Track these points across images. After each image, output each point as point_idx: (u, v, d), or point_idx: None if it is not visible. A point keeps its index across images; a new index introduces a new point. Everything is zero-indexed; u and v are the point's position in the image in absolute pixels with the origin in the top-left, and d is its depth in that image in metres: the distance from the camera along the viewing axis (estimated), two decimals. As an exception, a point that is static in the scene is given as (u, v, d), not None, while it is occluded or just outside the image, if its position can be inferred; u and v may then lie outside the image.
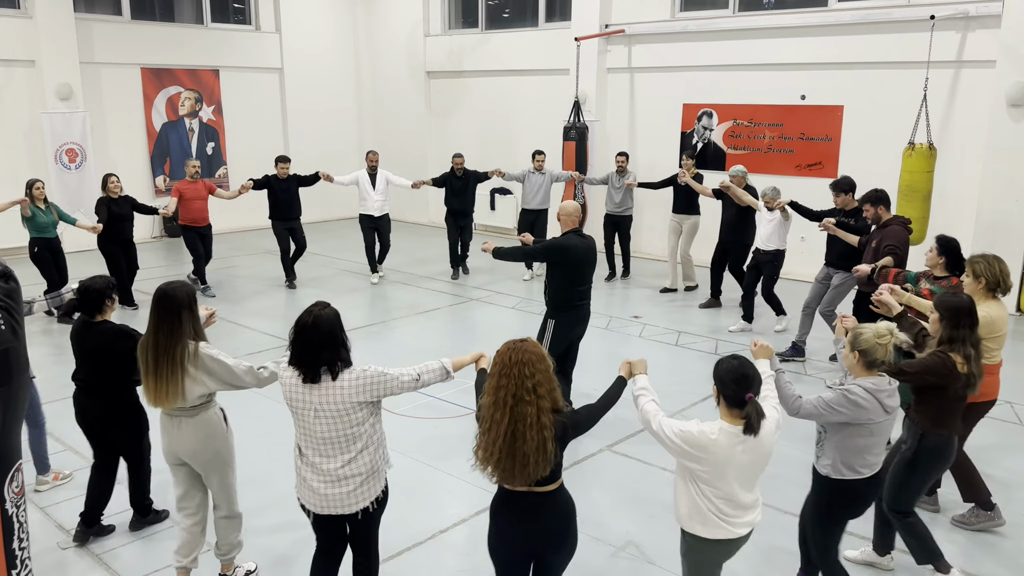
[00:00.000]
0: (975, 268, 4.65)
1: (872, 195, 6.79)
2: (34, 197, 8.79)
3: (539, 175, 10.89)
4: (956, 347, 3.96)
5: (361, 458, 3.39)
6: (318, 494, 3.41)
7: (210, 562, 4.35)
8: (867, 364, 3.57)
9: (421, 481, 5.39)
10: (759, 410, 3.13)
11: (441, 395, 6.85)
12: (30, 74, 12.23)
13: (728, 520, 3.21)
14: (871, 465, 3.66)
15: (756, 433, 3.11)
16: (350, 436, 3.35)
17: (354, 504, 3.43)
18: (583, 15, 12.46)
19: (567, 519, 3.24)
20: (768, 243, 8.41)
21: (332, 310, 3.42)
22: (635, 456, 5.75)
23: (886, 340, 3.53)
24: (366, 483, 3.43)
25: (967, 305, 4.03)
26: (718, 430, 3.13)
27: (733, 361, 3.18)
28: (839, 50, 10.45)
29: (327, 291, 10.41)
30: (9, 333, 2.64)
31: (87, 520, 4.63)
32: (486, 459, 3.08)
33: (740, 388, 3.11)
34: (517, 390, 3.01)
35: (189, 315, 3.80)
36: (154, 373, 3.73)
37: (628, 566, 4.40)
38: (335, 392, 3.30)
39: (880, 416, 3.55)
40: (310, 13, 15.45)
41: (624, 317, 9.25)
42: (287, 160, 10.58)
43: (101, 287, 4.40)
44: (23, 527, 2.87)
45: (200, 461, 3.95)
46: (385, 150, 14.65)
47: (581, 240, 5.87)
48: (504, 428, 3.01)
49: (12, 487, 2.77)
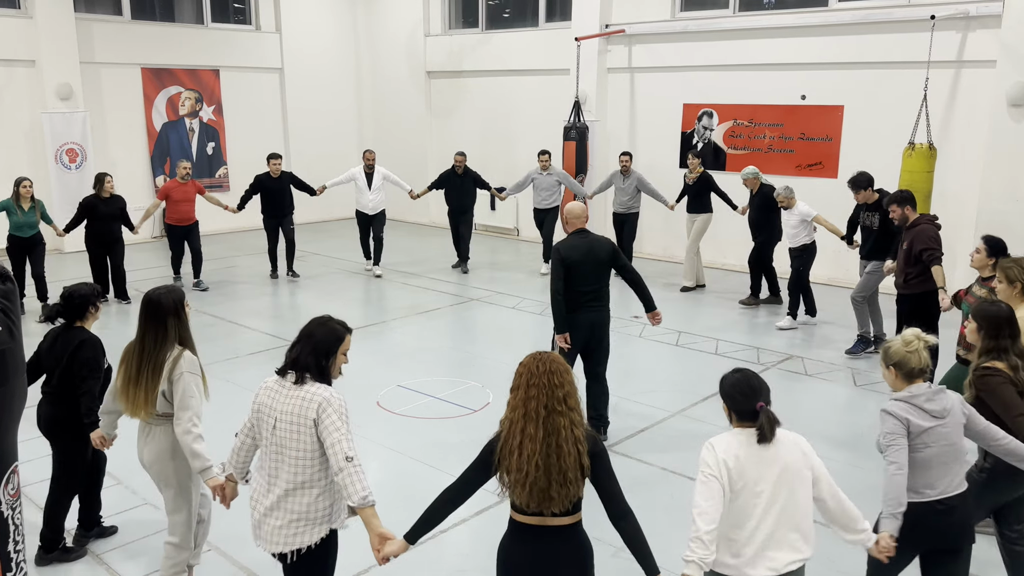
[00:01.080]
0: (1008, 273, 4.52)
1: (898, 196, 6.78)
2: (20, 195, 8.79)
3: (546, 175, 10.92)
4: (1000, 356, 3.77)
5: (299, 495, 3.17)
6: (255, 521, 3.27)
7: (211, 560, 4.35)
8: (906, 376, 3.37)
9: (421, 481, 5.39)
10: (772, 417, 2.94)
11: (441, 395, 6.85)
12: (30, 74, 12.23)
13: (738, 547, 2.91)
14: (936, 485, 3.28)
15: (769, 440, 2.91)
16: (297, 460, 3.15)
17: (277, 543, 3.19)
18: (583, 15, 12.46)
19: (586, 561, 2.99)
20: (795, 241, 8.64)
21: (342, 330, 3.29)
22: (635, 456, 5.74)
23: (915, 347, 3.36)
24: (294, 525, 3.18)
25: (1006, 314, 3.85)
26: (729, 434, 2.99)
27: (736, 374, 3.06)
28: (839, 50, 10.44)
29: (327, 291, 10.42)
30: (6, 334, 2.63)
31: (48, 546, 4.47)
32: (520, 481, 2.81)
33: (748, 400, 2.97)
34: (548, 400, 2.83)
35: (176, 322, 3.76)
36: (135, 381, 3.69)
37: (628, 566, 4.38)
38: (296, 399, 3.15)
39: (927, 421, 3.28)
40: (310, 13, 15.45)
41: (624, 317, 9.24)
42: (279, 157, 10.70)
43: (86, 294, 4.33)
44: (19, 529, 2.86)
45: (154, 472, 3.87)
46: (385, 150, 14.66)
47: (582, 240, 5.71)
48: (540, 443, 2.80)
49: (8, 489, 2.76)
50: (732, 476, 2.90)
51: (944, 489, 3.29)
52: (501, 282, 10.96)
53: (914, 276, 6.56)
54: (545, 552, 2.90)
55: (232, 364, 7.50)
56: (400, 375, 7.24)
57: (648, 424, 6.32)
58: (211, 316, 9.14)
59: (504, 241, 14.15)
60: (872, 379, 7.22)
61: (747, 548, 2.90)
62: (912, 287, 6.61)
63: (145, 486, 4.75)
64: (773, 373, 7.36)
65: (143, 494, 5.02)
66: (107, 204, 9.32)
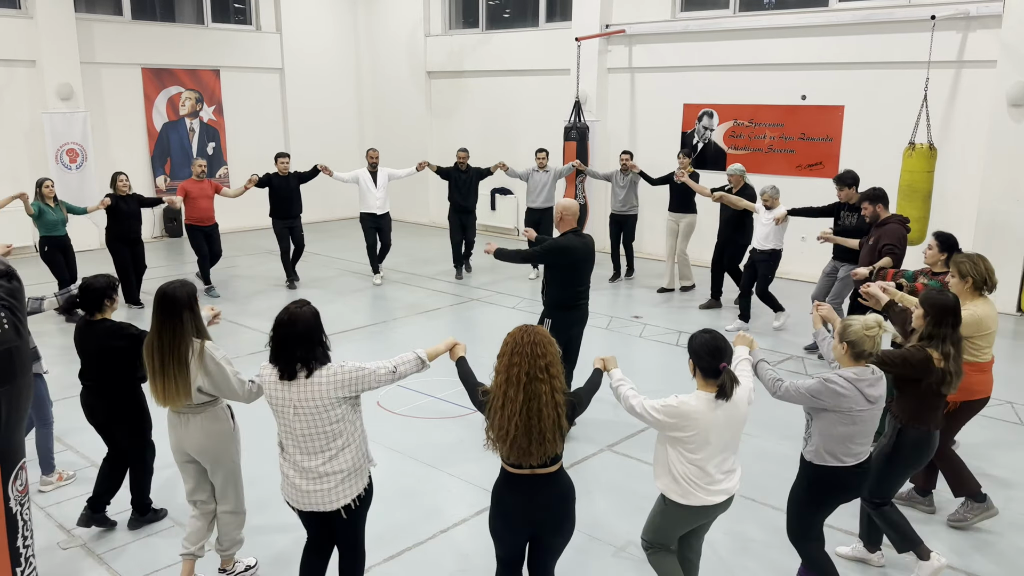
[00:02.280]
0: (960, 268, 4.69)
1: (870, 193, 6.85)
2: (43, 196, 8.82)
3: (542, 173, 10.89)
4: (935, 343, 4.04)
5: (342, 456, 3.41)
6: (300, 491, 3.45)
7: (212, 559, 4.36)
8: (855, 355, 3.66)
9: (421, 481, 5.40)
10: (732, 377, 3.40)
11: (441, 395, 6.86)
12: (31, 74, 12.24)
13: (702, 488, 3.42)
14: (855, 455, 3.71)
15: (728, 397, 3.36)
16: (329, 433, 3.38)
17: (335, 501, 3.44)
18: (584, 15, 12.47)
19: (568, 500, 3.35)
20: (765, 243, 8.45)
21: (310, 308, 3.43)
22: (635, 456, 5.75)
23: (874, 332, 3.63)
24: (347, 480, 3.44)
25: (952, 304, 4.10)
26: (695, 398, 3.39)
27: (706, 335, 3.44)
28: (840, 50, 10.45)
29: (328, 291, 10.42)
30: (12, 332, 2.64)
31: (94, 506, 4.67)
32: (502, 437, 3.16)
33: (714, 359, 3.36)
34: (530, 368, 3.12)
35: (190, 315, 3.82)
36: (162, 373, 3.75)
37: (628, 566, 4.41)
38: (312, 389, 3.32)
39: (861, 405, 3.61)
40: (311, 13, 15.46)
41: (624, 317, 9.26)
42: (287, 156, 10.57)
43: (102, 286, 4.41)
44: (27, 525, 2.87)
45: (207, 457, 3.99)
46: (386, 150, 14.65)
47: (580, 240, 5.83)
48: (520, 405, 3.11)
49: (16, 485, 2.78)
50: (698, 433, 3.36)
51: (860, 455, 3.74)
52: (501, 282, 10.97)
53: (877, 274, 6.63)
54: (532, 495, 3.28)
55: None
56: (401, 375, 7.24)
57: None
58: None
59: (504, 241, 14.15)
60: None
61: (712, 486, 3.44)
62: (872, 281, 6.69)
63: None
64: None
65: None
66: (126, 203, 9.35)
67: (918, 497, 4.99)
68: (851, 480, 3.77)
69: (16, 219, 9.43)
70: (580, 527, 3.53)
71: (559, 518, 3.35)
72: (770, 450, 5.74)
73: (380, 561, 4.41)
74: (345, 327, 8.71)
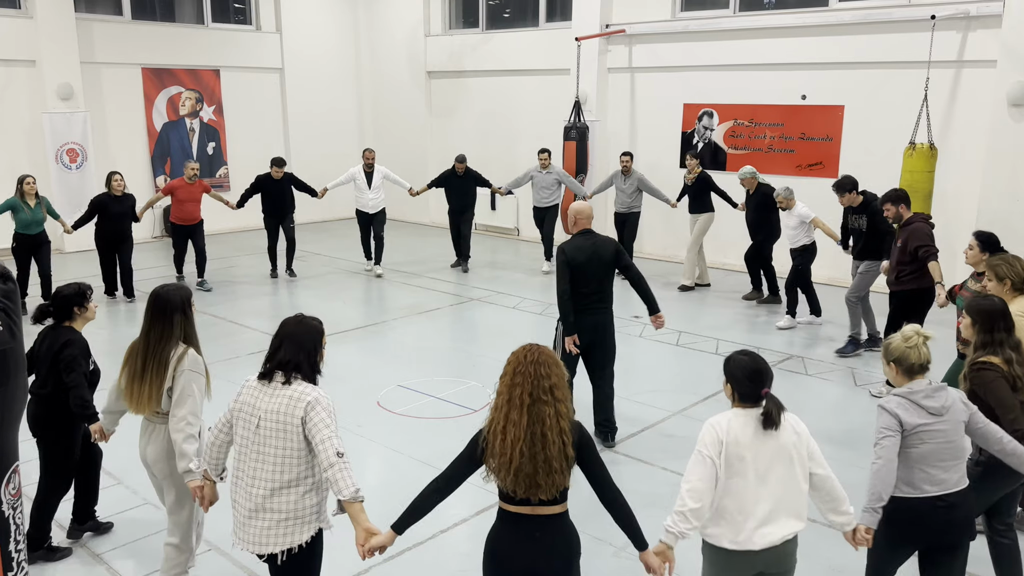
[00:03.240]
0: (997, 271, 4.56)
1: (892, 195, 6.86)
2: (24, 192, 8.82)
3: (545, 173, 10.93)
4: (991, 350, 3.79)
5: (286, 494, 3.14)
6: (240, 525, 3.23)
7: (211, 560, 4.34)
8: (906, 371, 3.37)
9: (421, 481, 5.37)
10: (778, 403, 3.05)
11: (442, 395, 6.85)
12: (31, 74, 12.23)
13: (739, 523, 3.00)
14: (935, 482, 3.27)
15: (777, 426, 3.00)
16: (281, 460, 3.14)
17: (266, 543, 3.16)
18: (583, 15, 12.46)
19: (573, 549, 3.02)
20: (795, 241, 8.66)
21: (319, 323, 3.34)
22: (636, 456, 5.74)
23: (914, 342, 3.38)
24: (283, 525, 3.15)
25: (1000, 308, 3.88)
26: (729, 416, 3.04)
27: (744, 357, 3.11)
28: (840, 50, 10.44)
29: (327, 290, 10.43)
30: (7, 334, 2.63)
31: (79, 518, 4.63)
32: (504, 465, 2.86)
33: (755, 384, 3.04)
34: (533, 389, 2.88)
35: (182, 318, 3.77)
36: (139, 378, 3.69)
37: (629, 566, 4.39)
38: (283, 398, 3.14)
39: (923, 418, 3.26)
40: (311, 13, 15.45)
41: (625, 317, 9.24)
42: (283, 163, 10.76)
43: (69, 294, 4.33)
44: (20, 529, 2.86)
45: (158, 470, 3.86)
46: (386, 150, 14.67)
47: (587, 241, 5.64)
48: (524, 430, 2.85)
49: (9, 489, 2.76)
50: (729, 456, 2.98)
51: (944, 486, 3.28)
52: (501, 282, 10.96)
53: (907, 273, 6.61)
54: (532, 541, 2.94)
55: (232, 364, 7.49)
56: (400, 375, 7.24)
57: (648, 424, 6.32)
58: (211, 316, 9.14)
59: (504, 241, 14.16)
60: (871, 379, 7.22)
61: (747, 523, 2.99)
62: (904, 283, 6.67)
63: (145, 486, 4.74)
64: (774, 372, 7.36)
65: (143, 494, 5.01)
66: (119, 203, 9.36)
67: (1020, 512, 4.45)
68: (932, 515, 3.27)
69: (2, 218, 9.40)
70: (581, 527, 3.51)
71: (562, 568, 2.98)
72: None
73: (380, 561, 4.39)
74: (344, 327, 8.70)
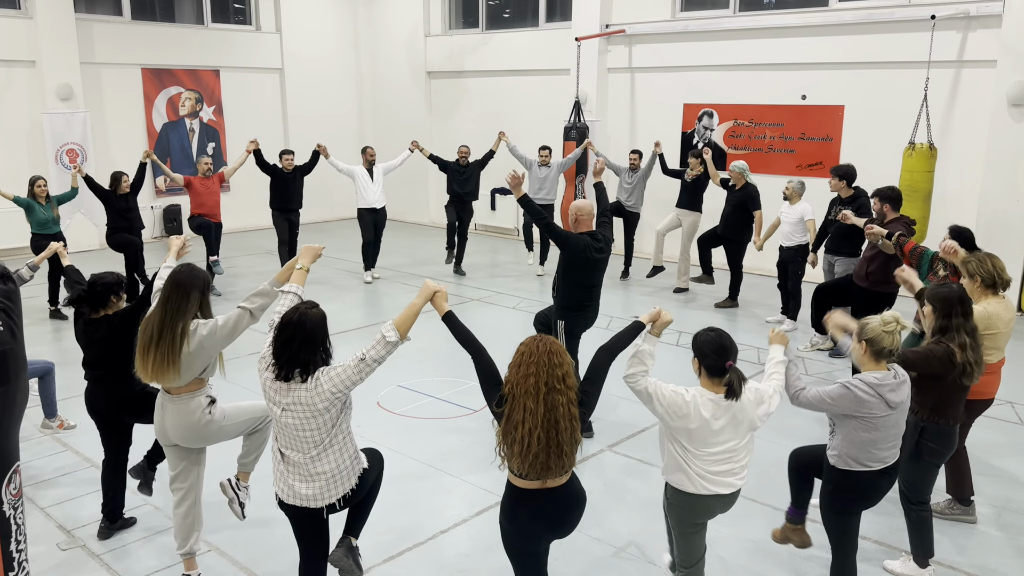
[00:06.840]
0: (968, 268, 4.65)
1: (885, 191, 6.81)
2: (36, 195, 8.84)
3: (544, 168, 10.91)
4: (949, 336, 3.98)
5: (323, 458, 3.35)
6: (290, 487, 3.41)
7: (211, 560, 4.35)
8: (875, 354, 3.55)
9: (421, 481, 5.39)
10: (740, 376, 3.32)
11: (442, 395, 6.85)
12: (31, 74, 12.23)
13: (708, 479, 3.39)
14: (880, 459, 3.60)
15: (738, 397, 3.30)
16: (312, 435, 3.31)
17: (320, 500, 3.41)
18: (583, 15, 12.46)
19: (583, 504, 3.31)
20: (791, 239, 8.53)
21: (319, 311, 3.37)
22: (636, 456, 5.74)
23: (892, 328, 3.51)
24: (333, 481, 3.40)
25: (957, 294, 4.06)
26: (693, 394, 3.34)
27: (711, 333, 3.37)
28: (840, 50, 10.44)
29: (327, 291, 10.42)
30: (7, 335, 2.64)
31: (110, 516, 4.64)
32: (522, 452, 3.00)
33: (720, 357, 3.29)
34: (548, 378, 3.00)
35: (199, 296, 3.87)
36: (155, 345, 3.73)
37: (629, 566, 4.40)
38: (304, 393, 3.25)
39: (882, 411, 3.51)
40: (310, 13, 15.45)
41: (625, 317, 9.24)
42: (291, 153, 10.67)
43: (109, 282, 4.39)
44: (20, 529, 2.86)
45: (187, 439, 4.01)
46: (386, 150, 14.63)
47: (594, 241, 5.71)
48: (541, 417, 2.98)
49: (10, 489, 2.77)
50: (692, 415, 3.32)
51: (886, 461, 3.63)
52: (501, 282, 10.96)
53: (876, 274, 6.63)
54: (551, 507, 3.19)
55: (232, 364, 7.40)
56: (400, 375, 7.23)
57: (648, 424, 6.32)
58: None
59: (504, 241, 14.16)
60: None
61: (706, 474, 3.40)
62: (871, 284, 6.71)
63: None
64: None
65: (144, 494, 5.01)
66: (124, 200, 9.41)
67: (960, 507, 4.84)
68: (879, 483, 3.67)
69: (14, 219, 9.44)
70: (581, 527, 3.52)
71: (575, 521, 3.32)
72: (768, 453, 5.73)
73: (380, 561, 4.41)
74: (343, 327, 8.70)
